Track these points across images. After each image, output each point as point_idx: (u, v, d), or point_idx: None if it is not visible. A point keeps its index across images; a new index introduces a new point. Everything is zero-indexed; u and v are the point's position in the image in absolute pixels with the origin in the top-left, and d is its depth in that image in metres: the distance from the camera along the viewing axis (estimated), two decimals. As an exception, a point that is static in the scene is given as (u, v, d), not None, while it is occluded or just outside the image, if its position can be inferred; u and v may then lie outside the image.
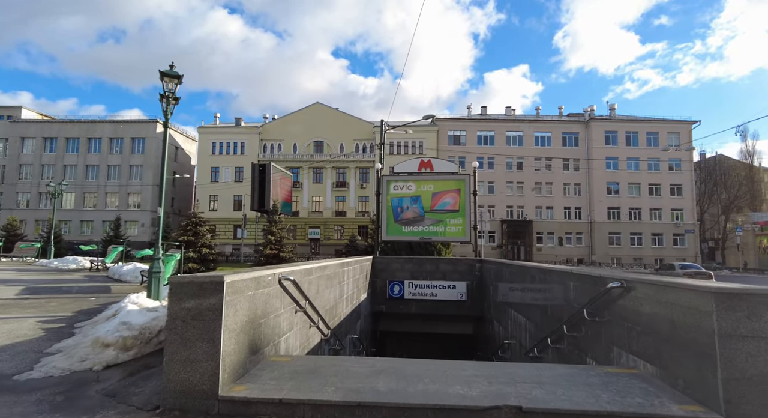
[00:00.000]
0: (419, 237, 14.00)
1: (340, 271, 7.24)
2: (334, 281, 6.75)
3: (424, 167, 14.18)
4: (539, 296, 6.42)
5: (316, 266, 5.46)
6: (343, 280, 7.56)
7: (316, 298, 5.55)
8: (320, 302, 5.80)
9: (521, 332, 7.51)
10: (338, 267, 7.06)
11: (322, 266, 5.85)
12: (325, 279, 6.10)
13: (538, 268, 6.56)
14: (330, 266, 6.38)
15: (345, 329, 7.80)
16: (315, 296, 5.47)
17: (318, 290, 5.64)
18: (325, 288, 6.09)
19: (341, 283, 7.41)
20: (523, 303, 7.47)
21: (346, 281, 7.89)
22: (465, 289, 12.25)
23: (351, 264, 8.52)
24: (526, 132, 48.76)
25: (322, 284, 5.88)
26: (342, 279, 7.49)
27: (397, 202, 14.15)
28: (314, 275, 5.39)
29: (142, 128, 50.49)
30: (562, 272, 5.35)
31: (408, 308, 12.46)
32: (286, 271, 4.20)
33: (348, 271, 8.14)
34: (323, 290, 5.99)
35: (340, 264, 7.18)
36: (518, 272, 7.82)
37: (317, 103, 50.14)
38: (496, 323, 9.99)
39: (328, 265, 6.26)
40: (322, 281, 5.85)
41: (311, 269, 5.22)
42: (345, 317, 7.83)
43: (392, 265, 12.67)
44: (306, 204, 48.76)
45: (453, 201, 13.94)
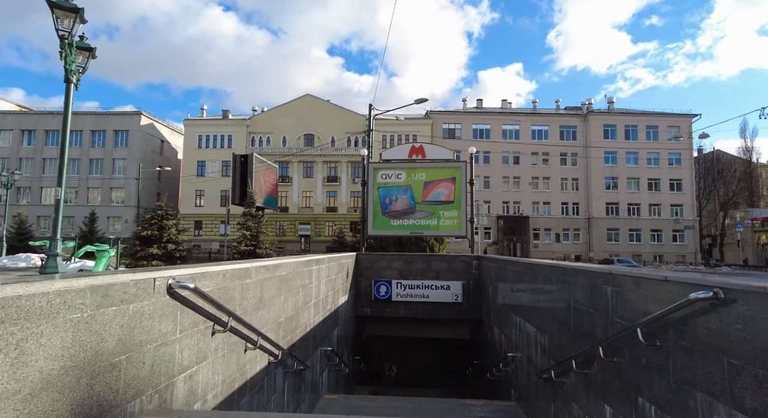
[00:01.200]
0: (410, 231, 12.57)
1: (305, 270, 5.76)
2: (294, 283, 5.28)
3: (415, 153, 12.72)
4: (557, 303, 5.00)
5: (258, 266, 3.99)
6: (310, 282, 6.10)
7: (259, 308, 4.08)
8: (268, 313, 4.34)
9: (530, 346, 6.09)
10: (301, 266, 5.58)
11: (271, 264, 4.38)
12: (278, 282, 4.62)
13: (554, 267, 5.13)
14: (286, 264, 4.91)
15: (313, 342, 6.35)
16: (256, 306, 4.01)
17: (262, 298, 4.17)
18: (277, 294, 4.62)
19: (307, 286, 5.94)
20: (532, 310, 6.05)
21: (315, 283, 6.43)
22: (461, 289, 10.84)
23: (323, 262, 7.05)
24: (522, 125, 47.44)
25: (271, 289, 4.40)
26: (308, 281, 6.02)
27: (385, 193, 12.70)
28: (254, 277, 3.91)
29: (126, 121, 48.60)
30: (595, 273, 3.91)
31: (396, 311, 11.03)
32: (187, 273, 2.73)
33: (319, 270, 6.68)
34: (274, 297, 4.52)
35: (304, 262, 5.71)
36: (526, 272, 6.40)
37: (307, 94, 48.50)
38: (496, 331, 8.57)
39: (283, 263, 4.79)
40: (270, 286, 4.38)
41: (247, 269, 3.75)
42: (314, 326, 6.37)
43: (379, 262, 11.23)
44: (296, 199, 47.18)
45: (447, 191, 12.51)
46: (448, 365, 13.97)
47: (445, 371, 13.94)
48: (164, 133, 54.10)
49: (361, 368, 12.06)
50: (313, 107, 48.00)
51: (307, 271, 5.91)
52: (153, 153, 51.22)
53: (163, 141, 53.76)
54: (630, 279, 3.27)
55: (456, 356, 13.70)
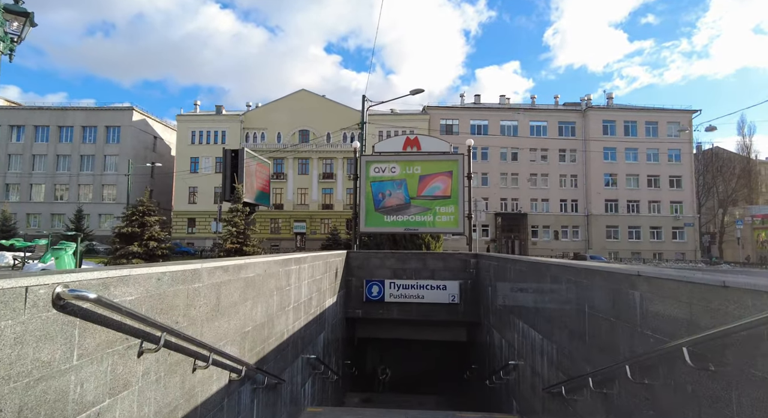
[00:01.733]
0: (404, 228, 11.91)
1: (280, 271, 5.09)
2: (266, 286, 4.61)
3: (410, 146, 12.05)
4: (567, 309, 4.34)
5: (212, 266, 3.32)
6: (287, 283, 5.42)
7: (215, 318, 3.41)
8: (229, 322, 3.67)
9: (535, 355, 5.44)
10: (276, 266, 4.91)
11: (232, 265, 3.71)
12: (242, 286, 3.95)
13: (564, 267, 4.48)
14: (255, 264, 4.23)
15: (293, 350, 5.68)
16: (211, 315, 3.33)
17: (219, 305, 3.49)
18: (242, 300, 3.94)
19: (284, 288, 5.27)
20: (538, 315, 5.40)
21: (294, 285, 5.76)
22: (457, 290, 10.19)
23: (305, 261, 6.38)
24: (521, 121, 46.79)
25: (232, 294, 3.73)
26: (286, 282, 5.35)
27: (378, 188, 12.03)
28: (206, 280, 3.24)
29: (117, 116, 47.70)
30: (619, 274, 3.26)
31: (389, 313, 10.37)
32: (93, 278, 2.05)
33: (299, 270, 6.00)
34: (237, 304, 3.85)
35: (279, 261, 5.03)
36: (530, 272, 5.74)
37: (302, 89, 47.72)
38: (496, 335, 7.93)
39: (250, 263, 4.11)
40: (231, 290, 3.71)
41: (196, 270, 3.08)
42: (293, 333, 5.71)
43: (371, 261, 10.56)
44: (291, 197, 46.45)
45: (444, 186, 11.85)
46: (445, 368, 13.34)
47: (442, 373, 13.31)
48: (157, 130, 53.23)
49: (353, 372, 11.42)
50: (308, 103, 47.21)
51: (284, 271, 5.24)
52: (146, 149, 50.37)
53: (156, 137, 52.91)
54: (669, 284, 2.61)
55: (453, 357, 13.08)
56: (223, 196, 22.68)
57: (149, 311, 2.51)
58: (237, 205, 17.49)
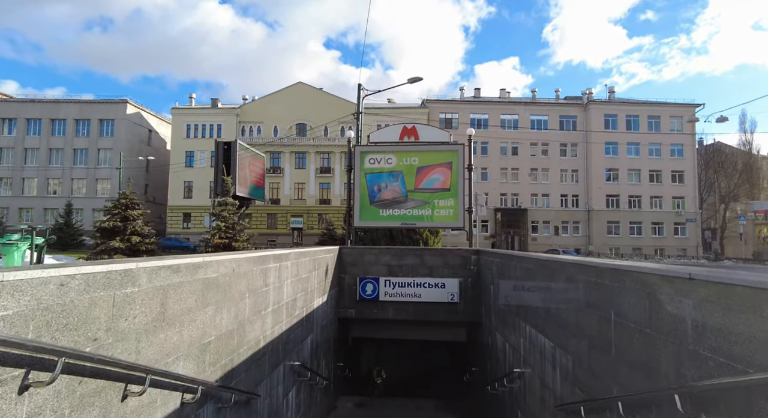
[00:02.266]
0: (400, 222, 11.26)
1: (255, 270, 4.45)
2: (236, 287, 3.97)
3: (407, 135, 11.38)
4: (587, 315, 3.71)
5: (152, 266, 2.67)
6: (265, 284, 4.78)
7: (160, 329, 2.77)
8: (181, 333, 3.04)
9: (545, 365, 4.81)
10: (249, 264, 4.26)
11: (184, 263, 3.06)
12: (201, 288, 3.31)
13: (582, 266, 3.84)
14: (219, 262, 3.59)
15: (272, 358, 5.05)
16: (152, 326, 2.69)
17: (166, 314, 2.85)
18: (200, 305, 3.30)
19: (260, 289, 4.63)
20: (548, 319, 4.76)
21: (274, 285, 5.11)
22: (457, 288, 9.57)
23: (289, 258, 5.73)
24: (521, 115, 46.06)
25: (186, 299, 3.09)
26: (262, 283, 4.71)
27: (373, 180, 11.37)
28: (146, 283, 2.60)
29: (111, 109, 46.85)
30: (658, 275, 2.61)
31: (384, 313, 9.75)
32: None
33: (280, 269, 5.36)
34: (194, 310, 3.21)
35: (253, 259, 4.39)
36: (539, 271, 5.10)
37: (299, 82, 46.87)
38: (499, 337, 7.30)
39: (212, 261, 3.47)
40: (184, 294, 3.07)
41: (129, 271, 2.43)
42: (273, 339, 5.07)
43: (365, 257, 9.92)
44: (288, 191, 45.76)
45: (443, 178, 11.19)
46: (444, 369, 12.75)
47: (440, 374, 12.72)
48: (153, 123, 52.39)
49: (347, 375, 10.81)
50: (305, 96, 46.40)
51: (259, 270, 4.59)
52: (140, 143, 49.55)
53: (151, 131, 52.07)
54: (741, 291, 1.96)
55: (453, 358, 12.48)
56: (216, 191, 22.02)
57: (44, 328, 1.86)
58: (226, 199, 16.82)
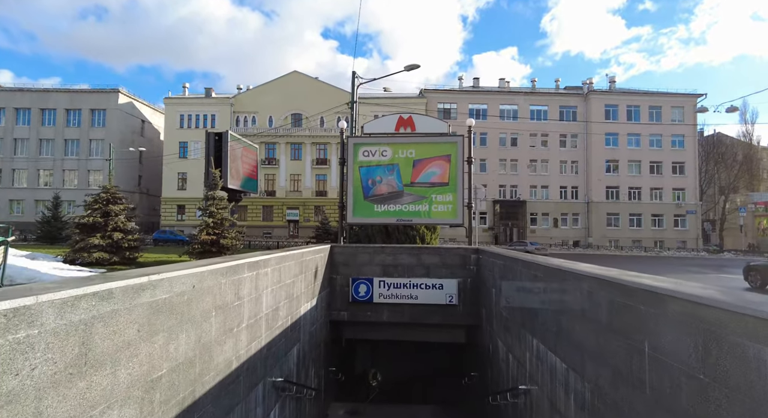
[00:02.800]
0: (396, 218, 10.67)
1: (224, 283, 3.86)
2: (196, 307, 3.38)
3: (403, 126, 10.73)
4: (613, 343, 3.13)
5: (66, 296, 2.07)
6: (237, 297, 4.20)
7: (80, 375, 2.20)
8: (116, 374, 2.48)
9: (555, 387, 4.26)
10: (214, 277, 3.68)
11: (120, 287, 2.46)
12: (146, 314, 2.72)
13: (609, 283, 3.27)
14: (170, 279, 3.00)
15: (248, 379, 4.48)
16: (67, 374, 2.12)
17: (87, 356, 2.27)
18: (145, 336, 2.72)
19: (230, 304, 4.05)
20: (560, 337, 4.20)
21: (250, 296, 4.53)
22: (456, 289, 9.02)
23: (269, 264, 5.15)
24: (521, 105, 45.30)
25: (124, 331, 2.51)
26: (233, 297, 4.12)
27: (367, 173, 10.75)
28: (52, 322, 2.01)
29: (103, 99, 45.87)
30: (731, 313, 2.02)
31: (378, 315, 9.20)
32: None
33: (258, 277, 4.77)
34: (135, 344, 2.63)
35: (222, 270, 3.80)
36: (550, 280, 4.53)
37: (294, 71, 45.91)
38: (501, 346, 6.76)
39: (161, 279, 2.88)
40: (121, 325, 2.49)
41: (25, 309, 1.82)
42: (249, 358, 4.51)
43: (358, 256, 9.35)
44: (283, 183, 45.07)
45: (441, 171, 10.58)
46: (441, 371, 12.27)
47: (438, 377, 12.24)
48: (146, 113, 51.42)
49: (339, 378, 10.29)
50: (300, 85, 45.46)
51: (230, 283, 3.99)
52: (133, 133, 48.66)
53: (144, 121, 51.12)
54: None
55: (451, 360, 12.00)
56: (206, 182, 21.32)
57: None
58: (213, 193, 16.14)
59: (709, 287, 2.42)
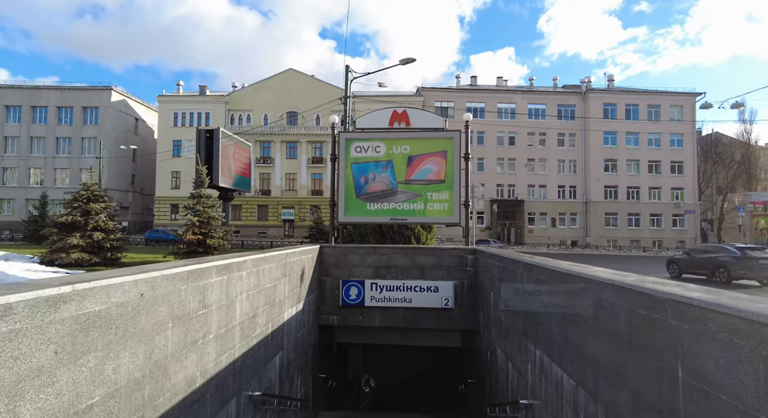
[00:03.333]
0: (390, 217, 10.18)
1: (184, 289, 3.37)
2: (146, 319, 2.90)
3: (397, 121, 10.25)
4: (636, 362, 2.66)
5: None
6: (203, 305, 3.72)
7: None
8: (12, 414, 1.94)
9: (563, 406, 3.80)
10: (172, 282, 3.19)
11: (19, 301, 1.95)
12: (72, 330, 2.25)
13: (630, 291, 2.79)
14: (108, 287, 2.51)
15: (217, 397, 4.00)
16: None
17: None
18: (62, 362, 2.25)
19: (193, 314, 3.56)
20: (567, 349, 3.73)
21: (220, 304, 4.05)
22: (452, 292, 8.55)
23: (245, 267, 4.66)
24: (519, 104, 44.89)
25: (27, 358, 2.01)
26: (198, 305, 3.64)
27: (359, 170, 10.27)
28: None
29: (95, 96, 45.19)
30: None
31: (370, 320, 8.72)
32: None
33: (230, 281, 4.29)
34: (50, 369, 2.16)
35: (180, 275, 3.32)
36: (557, 286, 4.07)
37: (290, 69, 45.34)
38: (500, 354, 6.29)
39: (94, 287, 2.40)
40: (33, 347, 1.97)
41: None
42: (219, 372, 4.02)
43: (348, 257, 8.87)
44: (279, 182, 44.51)
45: (437, 168, 10.11)
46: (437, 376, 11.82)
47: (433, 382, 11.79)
48: (140, 112, 50.78)
49: (330, 385, 9.80)
50: (296, 83, 44.91)
51: (192, 289, 3.50)
52: (126, 132, 48.02)
53: (138, 119, 50.48)
54: None
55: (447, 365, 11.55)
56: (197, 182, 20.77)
57: None
58: (199, 191, 15.62)
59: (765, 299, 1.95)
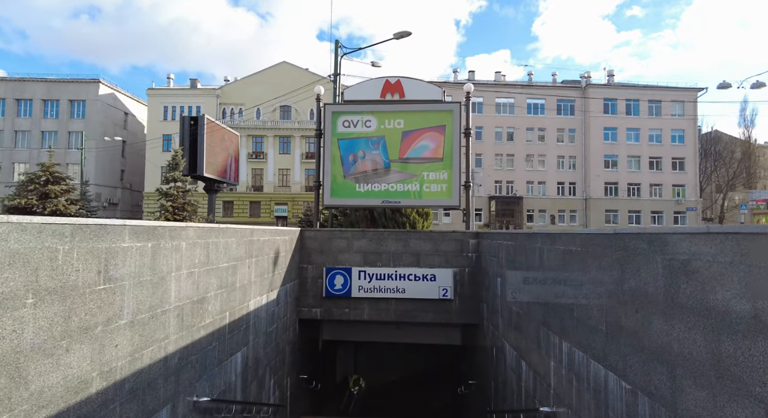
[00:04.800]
0: (381, 200, 9.12)
1: (60, 250, 2.26)
2: None
3: (390, 92, 9.20)
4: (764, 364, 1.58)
5: None
6: (105, 279, 2.64)
7: None
8: None
9: (605, 414, 2.74)
10: (37, 239, 2.07)
11: None
12: None
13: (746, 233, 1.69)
14: None
15: (131, 406, 2.91)
16: None
17: None
18: None
19: (81, 289, 2.47)
20: (620, 341, 2.67)
21: (134, 281, 2.98)
22: (451, 280, 7.51)
23: (182, 235, 3.59)
24: (517, 99, 43.94)
25: None
26: (94, 277, 2.55)
27: (348, 147, 9.21)
28: None
29: (82, 89, 43.84)
30: None
31: (358, 313, 7.66)
32: None
33: (156, 253, 3.22)
34: None
35: (57, 230, 2.20)
36: (599, 255, 3.02)
37: (284, 62, 44.21)
38: (509, 351, 5.24)
39: None
40: None
41: None
42: (134, 373, 2.96)
43: (333, 242, 7.80)
44: (271, 178, 43.34)
45: (434, 145, 9.06)
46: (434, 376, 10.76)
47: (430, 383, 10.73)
48: (129, 106, 49.43)
49: (314, 387, 8.72)
50: (289, 76, 43.69)
51: (85, 252, 2.44)
52: (115, 126, 46.64)
53: (128, 114, 49.12)
54: None
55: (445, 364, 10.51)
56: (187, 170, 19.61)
57: None
58: (174, 174, 14.51)
59: None
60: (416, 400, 10.18)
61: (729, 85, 14.92)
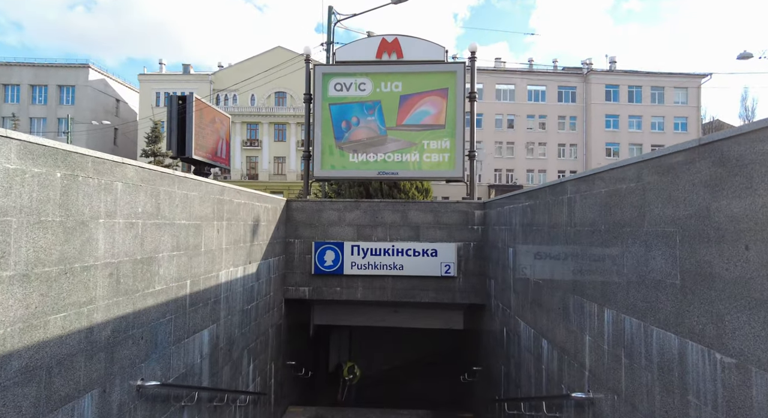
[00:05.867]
0: (377, 171, 8.30)
1: None
2: None
3: (387, 51, 8.34)
4: None
5: None
6: None
7: None
8: None
9: (677, 399, 1.96)
10: None
11: None
12: None
13: None
14: None
15: (19, 394, 2.10)
16: None
17: None
18: None
19: None
20: (702, 301, 1.87)
21: (29, 217, 2.14)
22: (454, 256, 6.74)
23: (116, 172, 2.80)
24: (518, 85, 43.01)
25: None
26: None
27: (340, 113, 8.37)
28: None
29: (71, 74, 42.68)
30: None
31: (351, 292, 6.90)
32: None
33: (85, 188, 2.39)
34: None
35: None
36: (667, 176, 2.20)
37: (279, 47, 43.12)
38: (524, 329, 4.49)
39: None
40: None
41: None
42: (8, 355, 2.12)
43: (323, 214, 7.02)
44: (266, 166, 42.42)
45: (435, 110, 8.23)
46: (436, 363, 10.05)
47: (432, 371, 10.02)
48: (121, 92, 48.27)
49: (304, 375, 7.98)
50: (285, 62, 42.61)
51: None
52: (106, 113, 45.47)
53: (120, 100, 47.98)
54: None
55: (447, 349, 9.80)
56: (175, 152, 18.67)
57: None
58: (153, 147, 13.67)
59: None
60: (416, 389, 9.48)
61: (750, 55, 14.10)
